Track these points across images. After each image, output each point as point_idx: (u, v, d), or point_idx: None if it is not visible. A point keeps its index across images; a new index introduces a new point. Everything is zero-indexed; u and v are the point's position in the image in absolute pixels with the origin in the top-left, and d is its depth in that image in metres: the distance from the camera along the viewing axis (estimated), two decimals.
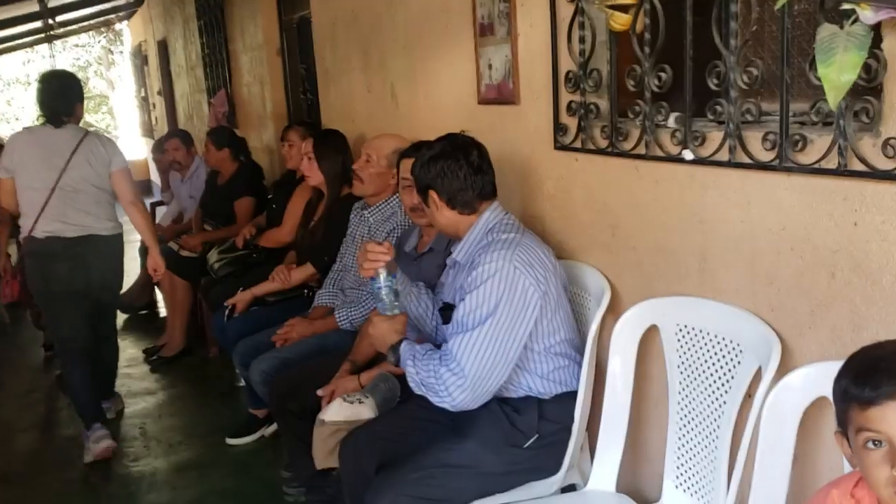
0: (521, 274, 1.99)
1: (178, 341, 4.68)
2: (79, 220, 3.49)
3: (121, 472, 3.33)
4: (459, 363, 1.95)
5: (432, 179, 2.17)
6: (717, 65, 1.75)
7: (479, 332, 1.95)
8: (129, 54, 14.16)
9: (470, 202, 2.17)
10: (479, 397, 1.97)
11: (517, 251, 2.02)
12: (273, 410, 2.97)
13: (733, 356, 1.83)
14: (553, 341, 2.10)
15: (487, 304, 1.97)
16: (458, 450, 2.07)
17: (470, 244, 2.17)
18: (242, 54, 6.25)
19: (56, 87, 3.59)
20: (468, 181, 2.15)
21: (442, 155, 2.17)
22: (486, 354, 1.95)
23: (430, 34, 3.19)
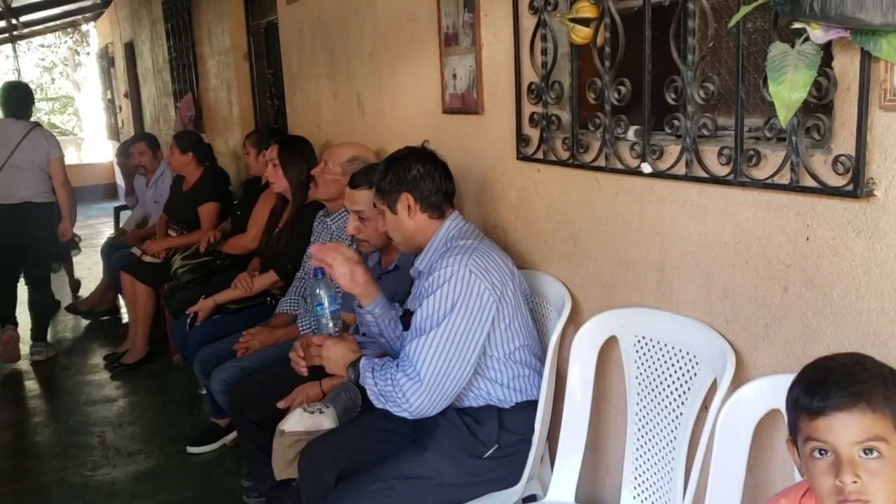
0: (477, 278, 2.00)
1: (139, 348, 4.61)
2: (20, 192, 4.70)
3: (79, 481, 3.27)
4: (415, 367, 1.95)
5: (409, 182, 2.17)
6: (675, 79, 1.77)
7: (433, 335, 1.96)
8: (96, 56, 13.99)
9: (440, 205, 2.20)
10: (436, 402, 1.97)
11: (473, 256, 2.04)
12: (233, 420, 2.94)
13: (690, 368, 1.85)
14: (512, 347, 2.10)
15: (443, 307, 1.98)
16: (418, 461, 2.06)
17: (432, 252, 2.18)
18: (210, 58, 6.20)
19: (17, 94, 4.91)
20: (441, 184, 2.19)
21: (416, 158, 2.20)
22: (441, 357, 1.96)
23: (396, 42, 3.19)
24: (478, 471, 2.08)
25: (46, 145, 4.79)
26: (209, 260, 4.14)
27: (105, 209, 11.34)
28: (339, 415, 2.40)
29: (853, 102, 1.38)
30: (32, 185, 4.75)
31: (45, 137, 4.81)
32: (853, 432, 1.12)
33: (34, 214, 4.77)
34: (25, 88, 5.07)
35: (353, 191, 2.58)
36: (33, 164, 4.74)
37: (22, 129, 4.72)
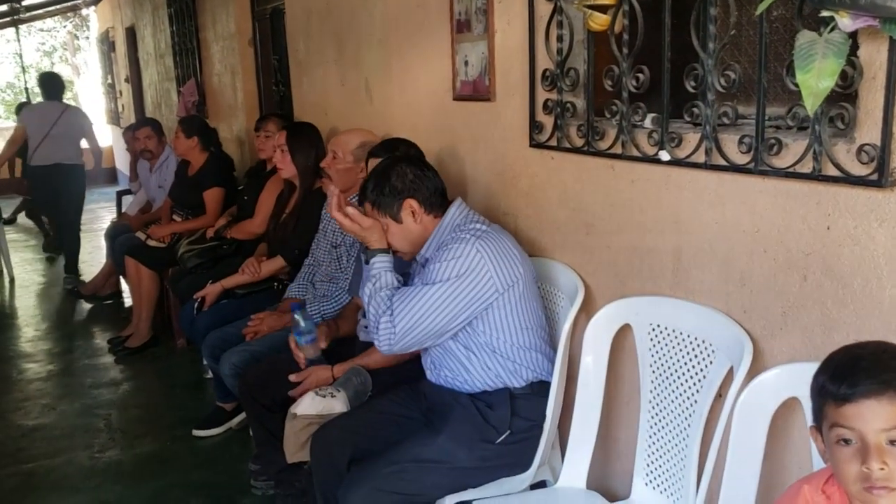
0: (485, 261, 2.03)
1: (144, 332, 4.61)
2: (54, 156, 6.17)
3: (85, 463, 3.27)
4: (395, 312, 2.01)
5: (408, 188, 2.15)
6: (694, 67, 1.77)
7: (422, 291, 2.01)
8: (96, 40, 13.91)
9: (441, 203, 2.20)
10: (400, 347, 2.05)
11: (486, 239, 2.06)
12: (243, 403, 2.94)
13: (705, 356, 1.86)
14: (523, 333, 2.12)
15: (443, 274, 2.02)
16: (431, 445, 2.07)
17: (437, 240, 2.18)
18: (213, 43, 6.17)
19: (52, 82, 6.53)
20: (436, 182, 2.20)
21: (406, 163, 2.19)
22: (418, 312, 2.00)
23: (406, 29, 3.18)
24: (489, 455, 2.09)
25: (80, 121, 6.38)
26: (216, 245, 4.14)
27: (105, 194, 11.33)
28: (350, 399, 2.41)
29: (879, 91, 1.38)
30: (64, 152, 6.22)
31: (78, 115, 6.45)
32: (881, 419, 1.12)
33: (63, 173, 6.22)
34: (58, 77, 6.76)
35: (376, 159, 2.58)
36: (68, 136, 6.24)
37: (58, 109, 6.27)
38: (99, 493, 3.04)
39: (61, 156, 6.19)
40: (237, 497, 2.94)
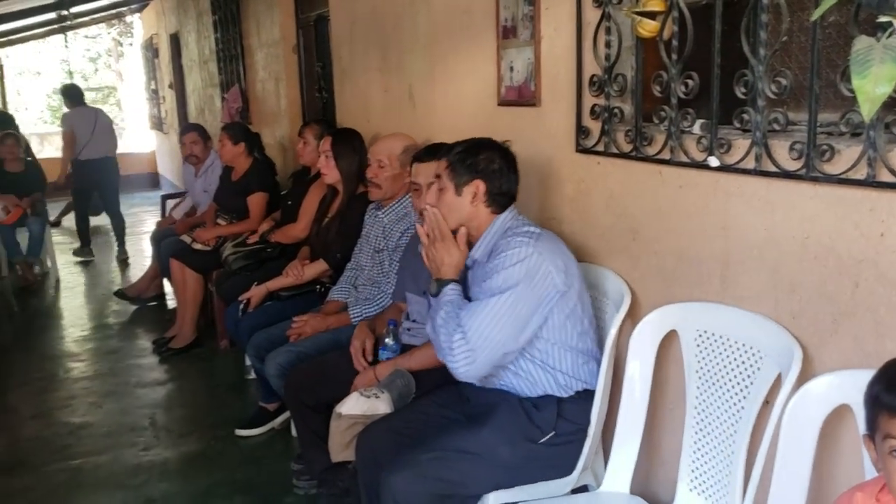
0: (546, 262, 2.05)
1: (188, 333, 4.70)
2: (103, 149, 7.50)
3: (131, 461, 3.34)
4: (466, 329, 2.00)
5: (487, 173, 2.19)
6: (745, 73, 1.77)
7: (491, 302, 2.01)
8: (140, 47, 14.18)
9: (505, 203, 2.22)
10: (478, 369, 2.02)
11: (542, 241, 2.09)
12: (288, 403, 2.99)
13: (753, 362, 1.85)
14: (575, 336, 2.13)
15: (509, 281, 2.02)
16: (473, 437, 2.08)
17: (487, 242, 2.20)
18: (257, 50, 6.27)
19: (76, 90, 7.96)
20: (511, 186, 2.22)
21: (499, 153, 2.22)
22: (491, 322, 2.00)
23: (450, 35, 3.21)
24: (532, 455, 2.09)
25: (109, 120, 7.78)
26: (260, 248, 4.21)
27: (148, 198, 11.56)
28: (394, 400, 2.43)
29: None
30: (107, 146, 7.55)
31: (106, 116, 7.83)
32: None
33: (110, 163, 7.60)
34: (78, 87, 8.25)
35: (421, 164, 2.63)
36: (106, 133, 7.58)
37: (92, 111, 7.72)
38: (145, 490, 3.10)
39: (106, 149, 7.54)
40: (280, 496, 2.98)
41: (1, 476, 3.27)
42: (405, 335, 2.77)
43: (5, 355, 4.94)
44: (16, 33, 10.95)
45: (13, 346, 5.16)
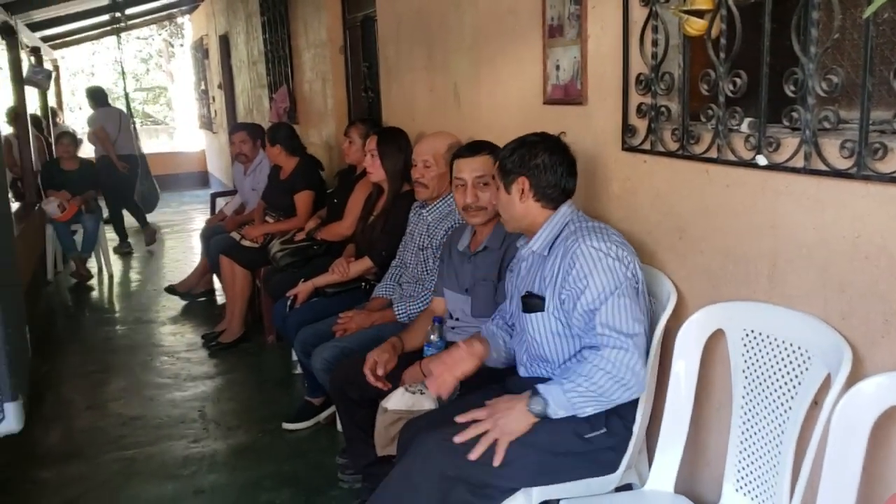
0: (622, 248, 2.08)
1: (236, 328, 4.79)
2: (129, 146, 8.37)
3: (181, 452, 3.43)
4: (619, 332, 1.96)
5: (530, 168, 2.21)
6: (794, 71, 1.76)
7: (616, 301, 2.00)
8: (190, 47, 14.45)
9: (556, 199, 2.23)
10: (645, 359, 1.98)
11: (609, 233, 2.13)
12: (333, 397, 3.03)
13: (801, 363, 1.83)
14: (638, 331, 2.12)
15: (612, 279, 2.02)
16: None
17: (547, 235, 2.22)
18: (305, 51, 6.36)
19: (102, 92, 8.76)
20: (563, 179, 2.23)
21: (546, 148, 2.23)
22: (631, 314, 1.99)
23: (496, 35, 3.22)
24: (576, 450, 2.08)
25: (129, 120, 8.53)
26: (306, 245, 4.27)
27: (198, 196, 11.79)
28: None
29: None
30: (131, 143, 8.42)
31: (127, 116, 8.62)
32: None
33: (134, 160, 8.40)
34: (103, 89, 9.00)
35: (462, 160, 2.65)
36: (129, 131, 8.41)
37: (116, 112, 8.54)
38: (195, 481, 3.18)
39: (130, 147, 8.42)
40: (325, 489, 3.04)
41: (57, 465, 3.38)
42: (449, 333, 2.80)
43: (62, 348, 5.10)
44: (71, 35, 11.24)
45: (69, 340, 5.32)
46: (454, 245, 2.85)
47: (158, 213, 9.86)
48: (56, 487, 3.18)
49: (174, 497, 3.06)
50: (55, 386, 4.37)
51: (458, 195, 2.71)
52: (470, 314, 2.75)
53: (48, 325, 5.66)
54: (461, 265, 2.79)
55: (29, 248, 6.62)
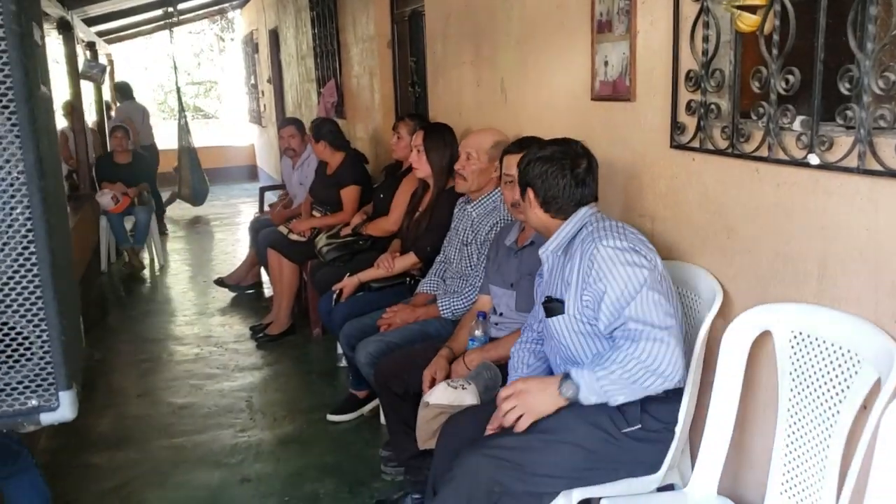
0: (640, 244, 2.07)
1: (283, 320, 4.86)
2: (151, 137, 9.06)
3: (229, 441, 3.50)
4: (652, 324, 1.94)
5: (532, 179, 2.22)
6: (849, 69, 1.72)
7: (646, 293, 1.98)
8: (241, 42, 14.65)
9: (564, 209, 2.21)
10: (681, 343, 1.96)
11: (626, 231, 2.11)
12: (377, 391, 3.06)
13: (850, 366, 1.80)
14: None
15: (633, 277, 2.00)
16: (556, 418, 2.05)
17: (562, 238, 2.21)
18: (353, 46, 6.40)
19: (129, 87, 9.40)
20: (567, 191, 2.19)
21: (550, 159, 2.21)
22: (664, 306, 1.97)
23: (544, 30, 3.21)
24: (614, 445, 2.07)
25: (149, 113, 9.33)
26: (352, 240, 4.32)
27: (246, 190, 11.96)
28: (481, 392, 2.47)
29: None
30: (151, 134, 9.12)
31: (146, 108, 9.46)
32: None
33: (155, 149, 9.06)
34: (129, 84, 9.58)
35: (512, 156, 2.65)
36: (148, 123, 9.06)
37: (139, 105, 9.25)
38: (241, 469, 3.24)
39: (150, 137, 9.06)
40: (368, 480, 3.07)
41: (109, 450, 3.47)
42: (493, 328, 2.80)
43: (114, 337, 5.23)
44: (125, 30, 11.50)
45: (121, 329, 5.46)
46: (501, 241, 2.85)
47: (208, 206, 10.06)
48: (107, 472, 3.27)
49: (221, 484, 3.13)
50: (107, 374, 4.49)
51: (507, 191, 2.72)
52: (514, 309, 2.76)
53: (102, 315, 5.81)
54: (507, 260, 2.79)
55: (83, 239, 6.81)
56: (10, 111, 0.98)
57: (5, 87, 0.97)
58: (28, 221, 0.99)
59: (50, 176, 1.06)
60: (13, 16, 0.95)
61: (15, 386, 1.02)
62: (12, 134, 0.98)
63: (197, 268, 7.28)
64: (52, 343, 1.02)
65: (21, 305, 1.01)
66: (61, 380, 1.02)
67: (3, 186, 0.98)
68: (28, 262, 0.99)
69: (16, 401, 1.02)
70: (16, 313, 1.01)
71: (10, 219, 0.99)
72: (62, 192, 1.30)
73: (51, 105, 1.24)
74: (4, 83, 0.98)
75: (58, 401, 1.02)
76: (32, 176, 0.98)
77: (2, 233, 0.99)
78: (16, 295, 1.00)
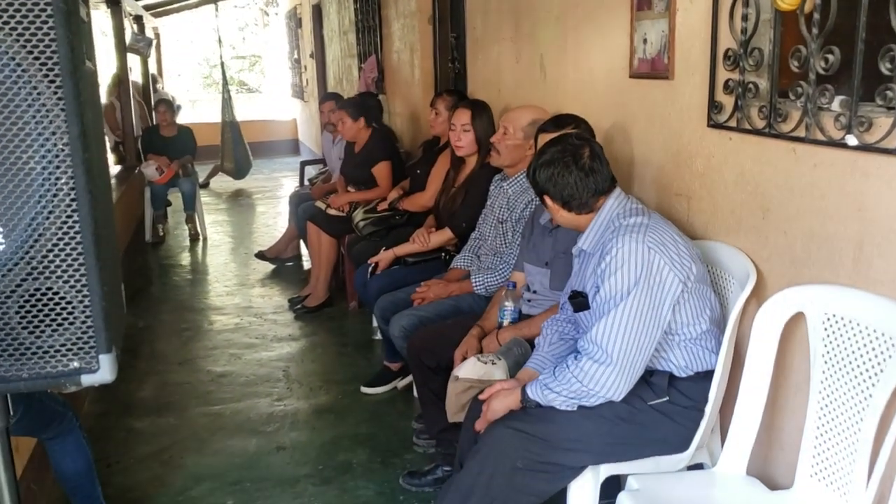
0: (656, 253, 2.03)
1: (321, 293, 4.94)
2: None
3: (266, 410, 3.58)
4: (603, 348, 1.99)
5: (544, 186, 2.21)
6: (891, 48, 1.69)
7: (618, 313, 1.99)
8: (285, 17, 14.72)
9: (585, 203, 2.19)
10: (629, 380, 2.00)
11: (648, 233, 2.06)
12: (410, 364, 3.10)
13: (884, 349, 1.79)
14: (698, 331, 2.11)
15: (625, 284, 2.01)
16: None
17: (595, 232, 2.20)
18: (394, 21, 6.40)
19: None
20: (579, 186, 2.17)
21: (551, 162, 2.19)
22: (628, 333, 1.98)
23: (584, 6, 3.19)
24: (642, 418, 2.08)
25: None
26: (389, 215, 4.36)
27: (288, 164, 12.08)
28: (510, 368, 2.49)
29: None
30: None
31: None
32: None
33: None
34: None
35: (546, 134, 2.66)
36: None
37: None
38: (277, 437, 3.32)
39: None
40: (400, 451, 3.13)
41: (150, 416, 3.58)
42: (525, 305, 2.82)
43: (157, 306, 5.35)
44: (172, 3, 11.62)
45: (164, 298, 5.59)
46: (537, 219, 2.86)
47: (250, 179, 10.19)
48: (148, 437, 3.38)
49: (257, 452, 3.20)
50: (150, 342, 4.61)
51: None
52: (548, 287, 2.77)
53: (146, 284, 5.96)
54: (542, 239, 2.80)
55: (129, 209, 6.97)
56: (56, 85, 1.02)
57: (52, 62, 1.02)
58: (72, 191, 1.04)
59: (94, 148, 1.10)
60: None
61: (58, 349, 1.07)
62: (58, 108, 1.02)
63: (238, 240, 7.40)
64: (94, 308, 1.07)
65: (65, 272, 1.06)
66: (102, 343, 1.07)
67: (49, 157, 1.03)
68: (72, 231, 1.04)
69: (59, 362, 1.07)
70: (59, 279, 1.06)
71: (56, 188, 1.04)
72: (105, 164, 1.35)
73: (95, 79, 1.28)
74: (52, 59, 1.02)
75: (98, 363, 1.07)
76: (77, 148, 1.03)
77: (47, 202, 1.04)
78: (59, 261, 1.05)
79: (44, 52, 1.02)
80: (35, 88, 1.02)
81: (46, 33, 1.01)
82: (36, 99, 1.02)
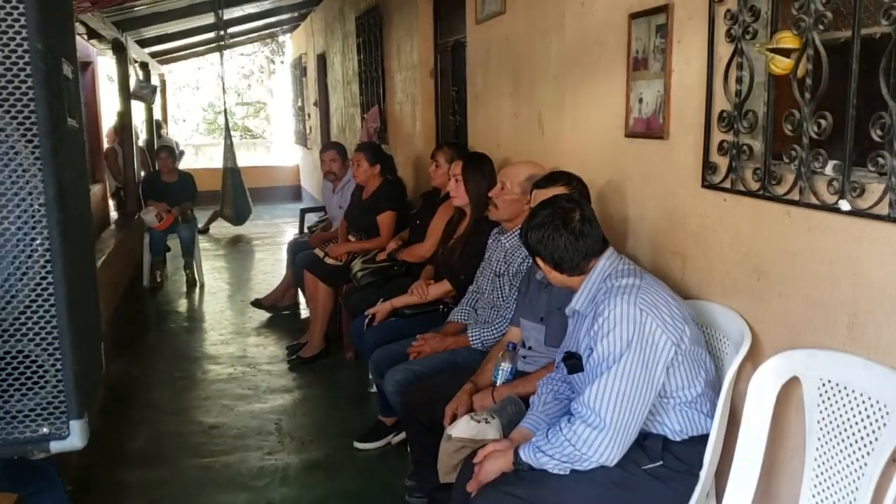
0: (648, 316, 2.01)
1: (316, 343, 4.90)
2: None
3: (256, 464, 3.52)
4: (597, 412, 1.97)
5: (535, 248, 2.21)
6: (881, 115, 1.70)
7: (611, 377, 1.97)
8: (289, 65, 14.92)
9: (576, 266, 2.19)
10: (622, 445, 1.98)
11: (640, 295, 2.04)
12: (403, 420, 3.06)
13: (879, 417, 1.75)
14: (693, 394, 2.09)
15: (618, 347, 1.99)
16: None
17: (587, 293, 2.19)
18: (397, 73, 6.48)
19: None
20: (569, 249, 2.16)
21: (541, 225, 2.19)
22: (621, 397, 1.96)
23: (581, 65, 3.22)
24: (636, 482, 2.05)
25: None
26: (387, 265, 4.34)
27: (289, 210, 12.10)
28: (504, 425, 2.45)
29: None
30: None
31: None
32: None
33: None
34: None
35: (541, 190, 2.67)
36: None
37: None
38: (266, 493, 3.26)
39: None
40: None
41: (139, 468, 3.52)
42: (520, 362, 2.79)
43: (153, 355, 5.32)
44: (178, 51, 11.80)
45: (160, 346, 5.55)
46: (533, 274, 2.84)
47: (251, 225, 10.21)
48: (137, 490, 3.32)
49: None
50: (143, 390, 4.57)
51: None
52: (543, 343, 2.74)
53: (142, 331, 5.92)
54: (538, 294, 2.78)
55: (128, 254, 6.97)
56: (33, 145, 1.02)
57: (30, 122, 1.02)
58: (47, 252, 1.03)
59: (72, 207, 1.09)
60: (40, 55, 0.99)
61: (27, 413, 1.05)
62: (35, 167, 1.02)
63: (235, 287, 7.38)
64: (66, 372, 1.04)
65: (37, 334, 1.04)
66: (73, 409, 1.04)
67: (25, 217, 1.02)
68: (45, 293, 1.03)
69: (27, 428, 1.05)
70: (31, 342, 1.04)
71: (30, 249, 1.03)
72: (87, 222, 1.34)
73: (79, 137, 1.28)
74: (30, 118, 1.02)
75: (68, 429, 1.05)
76: (52, 208, 1.02)
77: (21, 262, 1.03)
78: (32, 324, 1.03)
79: (21, 111, 1.01)
80: (12, 148, 1.01)
81: (25, 93, 1.00)
82: (12, 159, 1.01)
